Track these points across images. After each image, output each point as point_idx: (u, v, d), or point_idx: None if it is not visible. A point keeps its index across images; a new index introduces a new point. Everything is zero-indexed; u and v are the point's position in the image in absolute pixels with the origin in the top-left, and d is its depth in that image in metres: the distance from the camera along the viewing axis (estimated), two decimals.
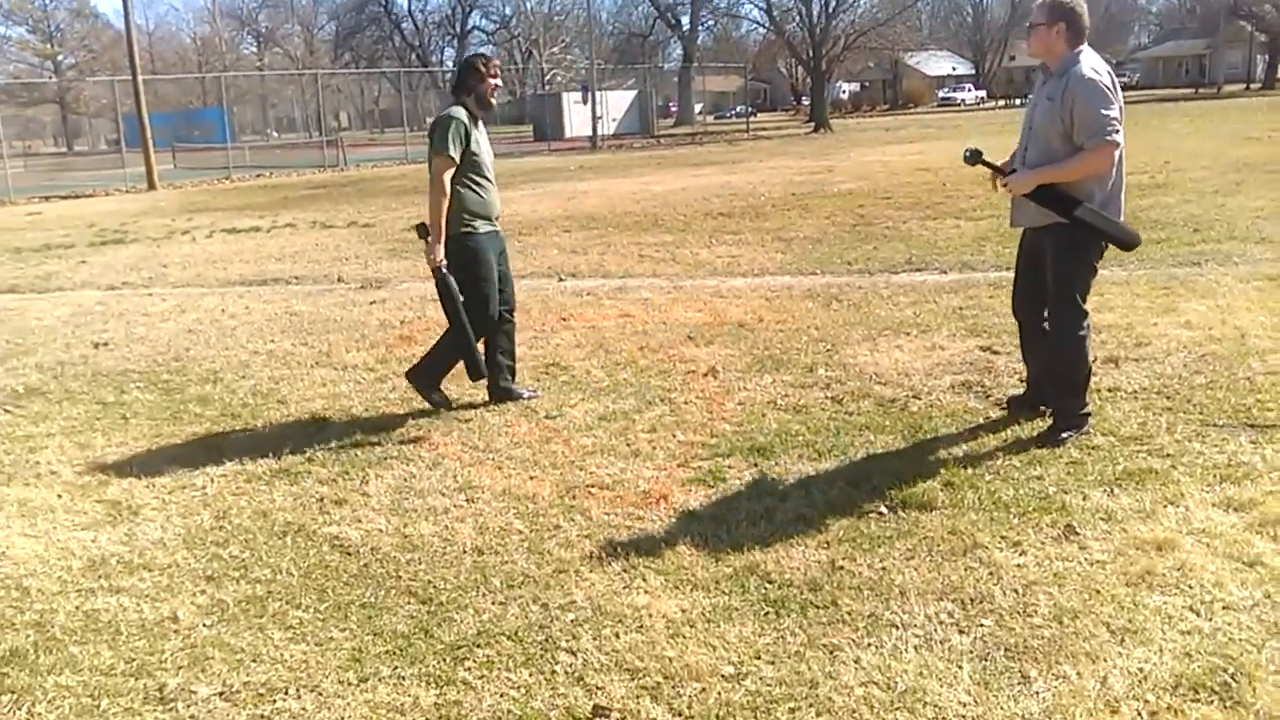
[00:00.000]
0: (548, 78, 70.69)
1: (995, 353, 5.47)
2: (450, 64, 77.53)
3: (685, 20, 64.96)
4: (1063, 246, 3.92)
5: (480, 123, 4.90)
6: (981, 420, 4.42)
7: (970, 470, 3.82)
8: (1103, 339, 5.53)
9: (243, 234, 13.64)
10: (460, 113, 4.73)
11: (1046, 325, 4.12)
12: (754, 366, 5.56)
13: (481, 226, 4.87)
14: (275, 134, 69.83)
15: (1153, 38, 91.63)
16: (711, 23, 66.21)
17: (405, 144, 34.67)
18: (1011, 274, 4.44)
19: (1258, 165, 13.97)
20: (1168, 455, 3.83)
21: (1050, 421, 4.14)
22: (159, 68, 61.94)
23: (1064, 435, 4.01)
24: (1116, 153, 3.78)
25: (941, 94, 72.23)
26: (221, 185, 25.65)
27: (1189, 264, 7.55)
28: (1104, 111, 3.72)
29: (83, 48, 74.20)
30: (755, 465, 4.09)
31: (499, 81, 4.90)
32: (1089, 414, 4.11)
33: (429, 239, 4.77)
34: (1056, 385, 4.12)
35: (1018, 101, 64.20)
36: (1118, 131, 3.74)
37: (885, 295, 7.24)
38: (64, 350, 6.95)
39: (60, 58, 74.16)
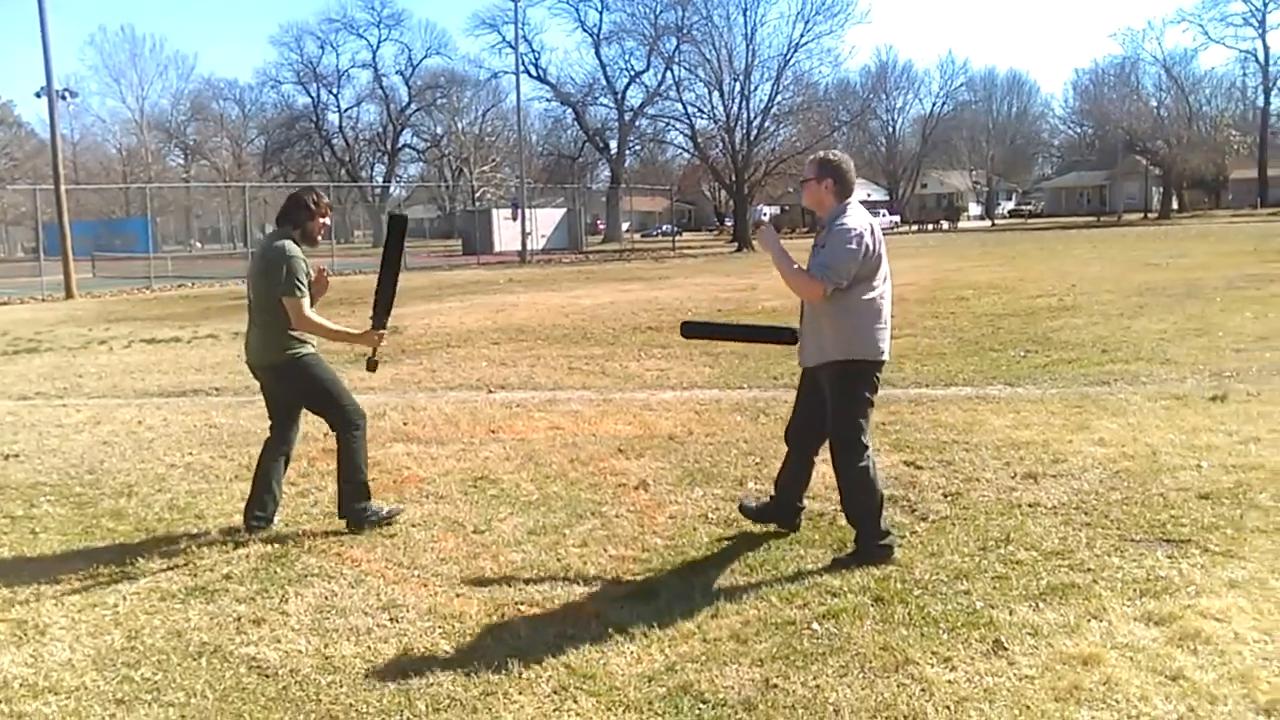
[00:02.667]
0: (477, 194, 71.84)
1: (919, 468, 5.57)
2: (380, 179, 78.45)
3: (613, 144, 66.92)
4: (839, 385, 4.11)
5: None
6: (908, 534, 4.47)
7: (899, 585, 3.85)
8: (1020, 455, 5.69)
9: (162, 344, 13.35)
10: (297, 250, 4.73)
11: (815, 458, 4.44)
12: (684, 480, 5.57)
13: (309, 347, 4.87)
14: (199, 244, 69.37)
15: (1055, 169, 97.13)
16: (638, 147, 68.28)
17: (333, 255, 34.65)
18: (920, 390, 4.57)
19: (1159, 289, 14.75)
20: (1089, 570, 3.91)
21: (852, 549, 4.19)
22: (82, 177, 61.44)
23: (861, 559, 4.08)
24: (820, 291, 3.98)
25: None
26: (142, 295, 25.20)
27: (1099, 383, 7.86)
28: (837, 257, 3.95)
29: (3, 155, 73.29)
30: (687, 580, 4.05)
31: (329, 221, 4.98)
32: (890, 545, 4.14)
33: (366, 348, 4.93)
34: (853, 519, 4.23)
35: (929, 227, 67.16)
36: (837, 279, 3.95)
37: None
38: None
39: None
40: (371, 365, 5.08)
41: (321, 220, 4.88)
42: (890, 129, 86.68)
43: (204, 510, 5.34)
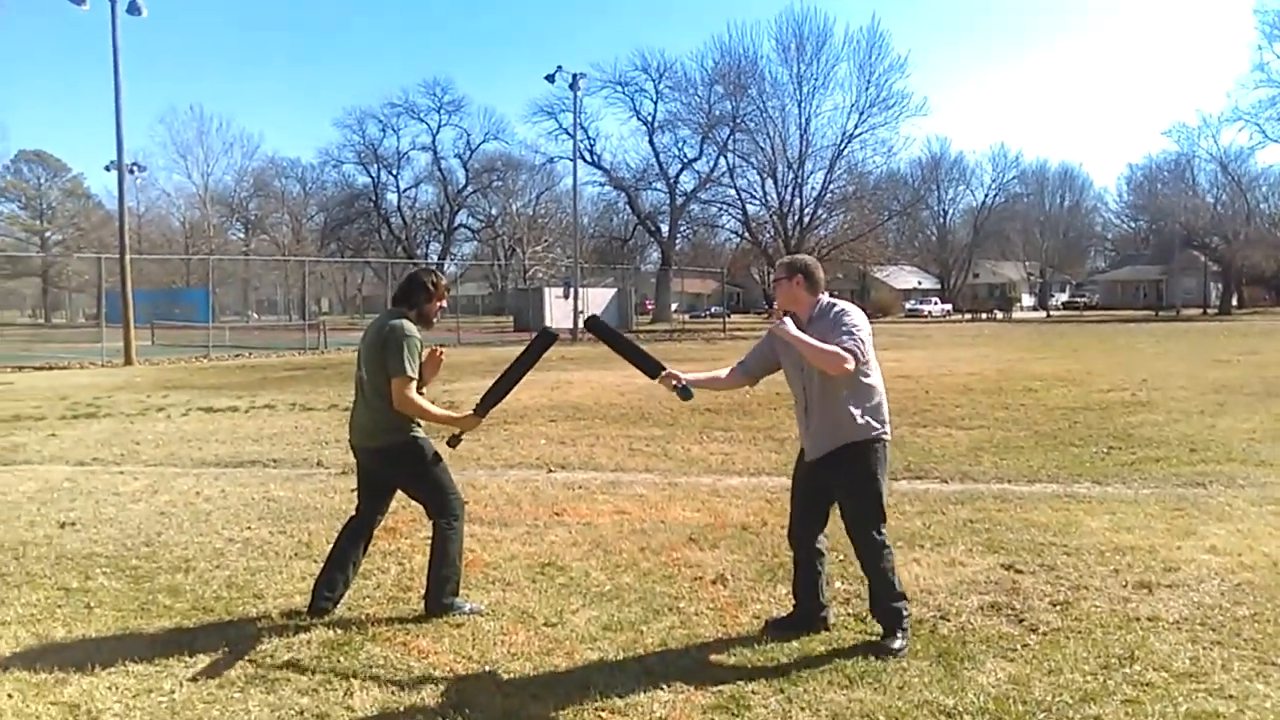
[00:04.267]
0: (529, 273, 72.76)
1: (1019, 572, 5.20)
2: (435, 257, 79.88)
3: (664, 227, 67.61)
4: (862, 465, 4.19)
5: None
6: (1019, 647, 4.11)
7: (1019, 706, 3.50)
8: (1128, 561, 5.30)
9: (220, 413, 13.34)
10: (414, 329, 4.60)
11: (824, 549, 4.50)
12: (764, 575, 5.25)
13: (421, 429, 4.72)
14: (256, 315, 70.73)
15: (1109, 262, 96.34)
16: (689, 230, 68.88)
17: None
18: (1003, 485, 4.30)
19: (1234, 388, 14.21)
20: (1230, 696, 3.53)
21: (881, 635, 4.18)
22: (145, 248, 63.22)
23: (896, 645, 4.08)
24: (851, 363, 4.04)
25: (909, 305, 74.82)
26: (199, 364, 25.51)
27: (1193, 484, 7.43)
28: (854, 330, 4.10)
29: (71, 225, 76.03)
30: (782, 691, 3.73)
31: (445, 304, 4.84)
32: (906, 612, 4.20)
33: (458, 430, 4.80)
34: (881, 598, 4.22)
35: (983, 315, 66.54)
36: (862, 352, 4.08)
37: (890, 504, 6.95)
38: (27, 529, 6.51)
39: (48, 234, 75.78)
40: (453, 441, 4.88)
41: (439, 303, 4.76)
42: (941, 219, 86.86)
43: (263, 590, 5.11)
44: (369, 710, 3.61)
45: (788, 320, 4.15)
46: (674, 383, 4.51)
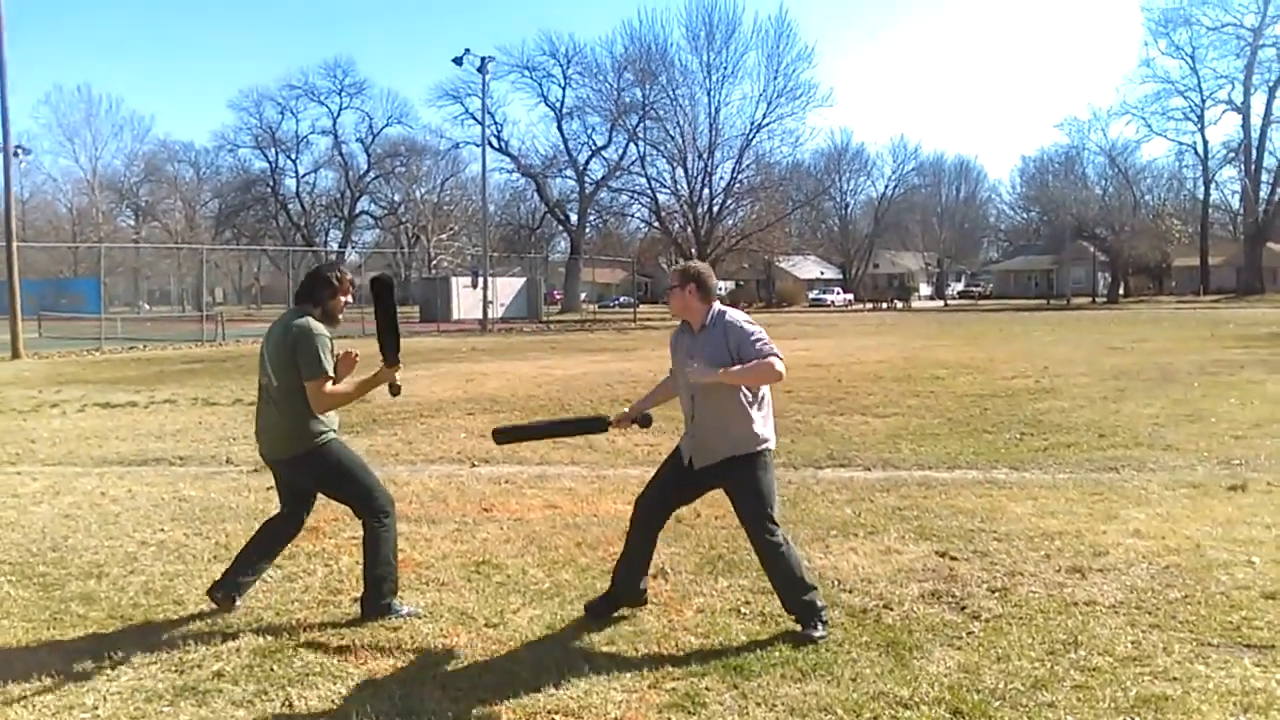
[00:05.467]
0: (434, 262, 71.61)
1: (954, 559, 5.27)
2: (335, 245, 77.97)
3: (573, 216, 67.28)
4: (752, 473, 4.27)
5: None
6: (964, 635, 4.16)
7: (974, 695, 3.52)
8: (1058, 546, 5.43)
9: (118, 409, 12.72)
10: (322, 328, 4.42)
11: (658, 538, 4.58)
12: (704, 567, 5.22)
13: (331, 432, 4.55)
14: (148, 306, 67.86)
15: (1003, 252, 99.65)
16: (598, 219, 68.69)
17: None
18: (925, 472, 4.34)
19: (1132, 374, 14.80)
20: (1175, 679, 3.62)
21: (798, 626, 4.22)
22: (30, 235, 60.05)
23: (818, 634, 4.12)
24: (783, 366, 4.21)
25: (813, 295, 76.16)
26: (91, 356, 24.34)
27: (1107, 469, 7.68)
28: (764, 341, 4.20)
29: None
30: (735, 687, 3.69)
31: (350, 299, 4.68)
32: (819, 602, 4.26)
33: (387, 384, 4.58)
34: (790, 593, 4.24)
35: (884, 305, 68.16)
36: (775, 348, 4.20)
37: (818, 492, 7.07)
38: None
39: None
40: (394, 390, 4.67)
41: (344, 298, 4.55)
42: (844, 209, 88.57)
43: (183, 595, 4.86)
44: None
45: (700, 366, 4.15)
46: (631, 419, 4.62)
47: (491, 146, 57.64)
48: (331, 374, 4.38)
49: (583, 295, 64.40)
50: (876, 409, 11.50)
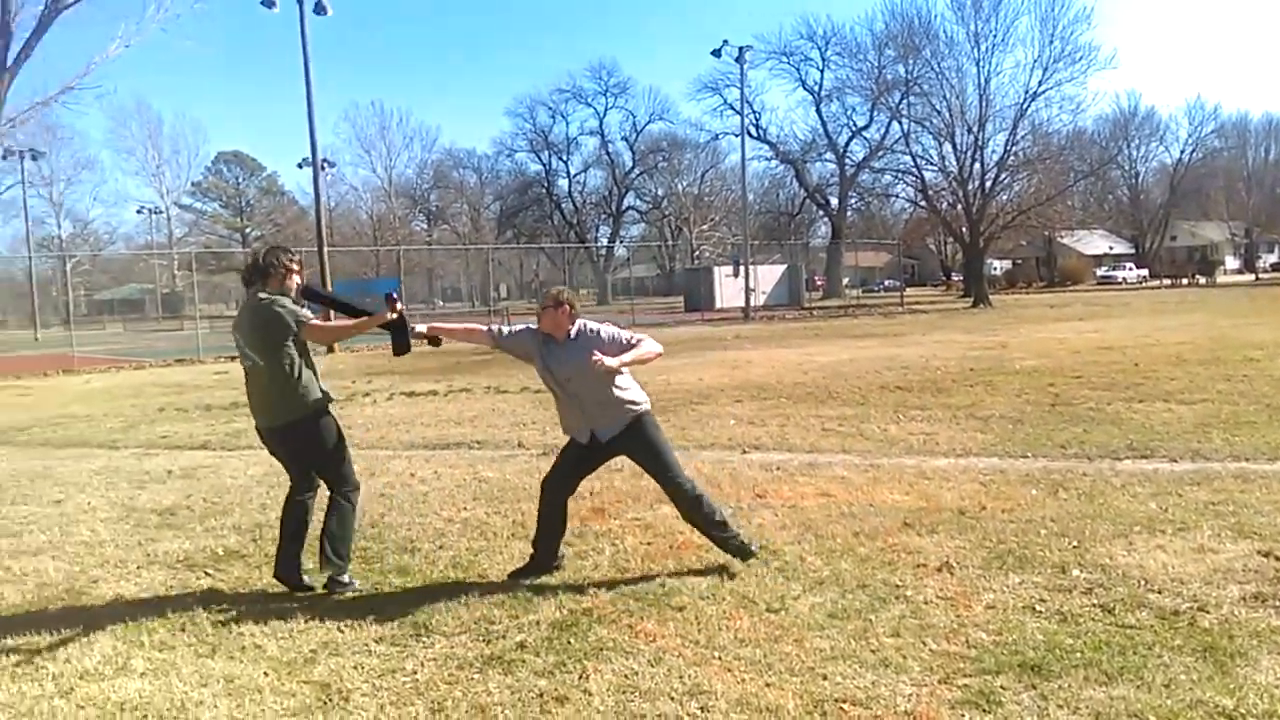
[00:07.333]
0: (696, 252, 72.85)
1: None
2: (605, 239, 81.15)
3: (834, 200, 66.12)
4: (652, 431, 5.13)
5: None
6: None
7: None
8: None
9: (421, 397, 13.94)
10: (281, 298, 4.82)
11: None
12: (993, 562, 4.99)
13: (321, 402, 4.95)
14: (441, 303, 73.72)
15: None
16: (859, 202, 67.07)
17: None
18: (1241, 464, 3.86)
19: None
20: None
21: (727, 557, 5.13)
22: (337, 240, 66.77)
23: (755, 549, 5.19)
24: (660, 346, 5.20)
25: (1100, 272, 70.51)
26: None
27: None
28: (623, 331, 5.16)
29: (269, 221, 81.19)
30: (1034, 687, 3.51)
31: (300, 278, 4.99)
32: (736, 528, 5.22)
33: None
34: (711, 528, 5.13)
35: (1184, 281, 61.99)
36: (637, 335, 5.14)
37: (1117, 485, 6.57)
38: (260, 511, 6.95)
39: (248, 230, 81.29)
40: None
41: (294, 278, 4.96)
42: (1134, 178, 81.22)
43: (486, 570, 5.26)
44: (606, 695, 3.62)
45: (597, 354, 4.80)
46: (428, 336, 5.18)
47: (750, 135, 57.80)
48: (311, 315, 4.86)
49: (845, 280, 63.19)
50: (1180, 395, 10.52)
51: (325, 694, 3.75)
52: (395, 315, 4.90)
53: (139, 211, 72.71)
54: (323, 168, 35.76)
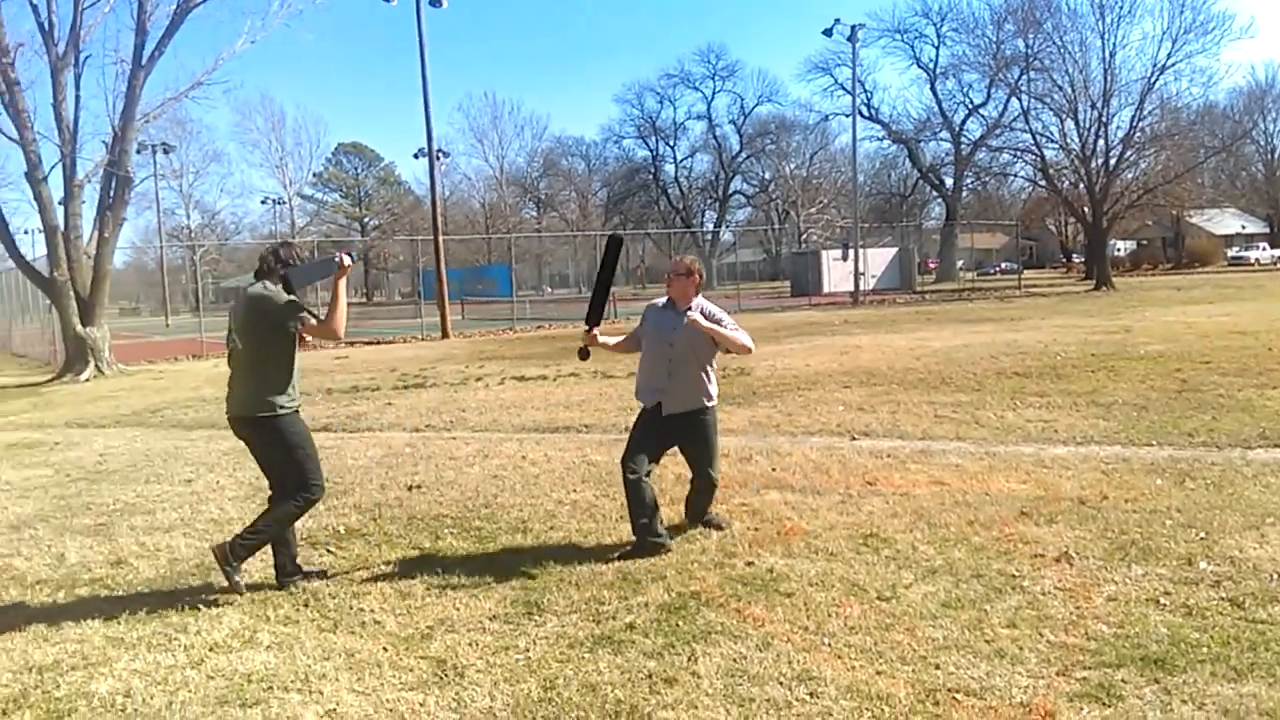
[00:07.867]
0: (804, 236, 71.92)
1: None
2: (710, 224, 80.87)
3: (948, 180, 64.35)
4: (712, 423, 5.61)
5: None
6: None
7: None
8: None
9: (531, 382, 14.20)
10: (274, 287, 4.81)
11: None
12: (1114, 554, 4.83)
13: (296, 404, 4.90)
14: (549, 289, 74.79)
15: None
16: (975, 182, 65.09)
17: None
18: None
19: None
20: None
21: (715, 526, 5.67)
22: (450, 229, 68.34)
23: (721, 521, 5.73)
24: (753, 345, 5.59)
25: (1232, 253, 66.83)
26: (505, 335, 27.32)
27: None
28: (735, 324, 5.55)
29: (386, 210, 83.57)
30: (1156, 681, 3.40)
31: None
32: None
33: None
34: (703, 502, 5.73)
35: None
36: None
37: (1249, 475, 6.27)
38: (379, 491, 7.21)
39: (366, 219, 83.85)
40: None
41: None
42: (1270, 154, 76.60)
43: (595, 552, 5.34)
44: (713, 676, 3.65)
45: (695, 314, 5.36)
46: (587, 346, 5.82)
47: (861, 115, 56.58)
48: (300, 303, 4.86)
49: (960, 263, 61.41)
50: None
51: (441, 669, 3.88)
52: (346, 265, 4.96)
53: (263, 202, 75.74)
54: (438, 158, 36.57)
